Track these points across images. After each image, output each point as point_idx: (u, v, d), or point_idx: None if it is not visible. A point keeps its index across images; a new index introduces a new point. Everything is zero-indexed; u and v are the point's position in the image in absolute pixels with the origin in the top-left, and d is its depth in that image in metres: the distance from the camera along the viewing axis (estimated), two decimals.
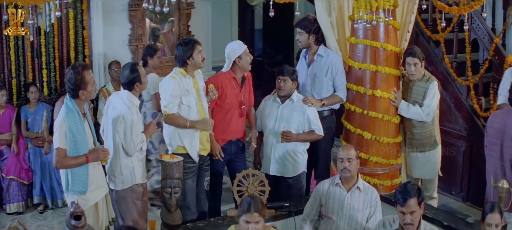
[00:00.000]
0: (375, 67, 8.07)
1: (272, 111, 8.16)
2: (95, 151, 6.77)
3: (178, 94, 7.52)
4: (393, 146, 8.33)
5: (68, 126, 6.56)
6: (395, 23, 8.11)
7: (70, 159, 6.61)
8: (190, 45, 7.60)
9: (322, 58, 8.42)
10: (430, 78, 8.26)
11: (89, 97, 6.87)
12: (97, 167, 6.91)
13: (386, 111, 8.21)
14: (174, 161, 7.25)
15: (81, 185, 6.69)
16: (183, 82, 7.56)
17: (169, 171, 7.23)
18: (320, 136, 8.10)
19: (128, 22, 10.89)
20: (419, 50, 8.20)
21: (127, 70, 7.17)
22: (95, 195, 6.86)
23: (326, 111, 8.51)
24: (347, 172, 6.94)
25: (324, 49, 8.46)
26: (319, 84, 8.41)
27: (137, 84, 7.13)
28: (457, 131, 9.80)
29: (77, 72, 6.62)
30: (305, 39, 8.47)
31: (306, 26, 8.43)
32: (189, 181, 7.76)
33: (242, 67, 8.04)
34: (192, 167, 7.75)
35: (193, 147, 7.71)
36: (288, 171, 8.11)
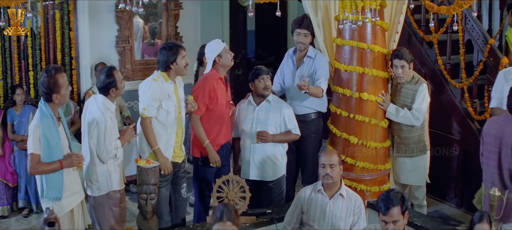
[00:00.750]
0: (361, 69, 7.70)
1: (247, 115, 7.89)
2: (69, 156, 6.53)
3: (158, 97, 7.23)
4: (381, 151, 7.96)
5: (42, 131, 6.36)
6: (383, 23, 7.73)
7: (44, 165, 6.40)
8: (174, 50, 7.32)
9: (311, 59, 8.11)
10: (419, 80, 7.89)
11: (63, 101, 6.61)
12: (72, 173, 6.68)
13: (374, 114, 7.83)
14: (150, 166, 6.96)
15: (56, 191, 6.49)
16: (164, 86, 7.28)
17: (144, 177, 6.94)
18: (297, 135, 7.85)
19: (115, 23, 10.55)
20: (407, 51, 7.82)
21: (103, 75, 6.93)
22: (71, 202, 6.64)
23: (313, 114, 8.21)
24: (329, 179, 6.60)
25: (313, 50, 8.16)
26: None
27: (112, 90, 6.88)
28: (450, 135, 9.36)
29: (50, 75, 6.42)
30: (308, 41, 8.18)
31: (309, 26, 8.12)
32: (163, 189, 7.45)
33: (223, 65, 7.77)
34: (166, 175, 7.42)
35: (166, 155, 7.40)
36: (268, 175, 7.83)
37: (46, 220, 5.83)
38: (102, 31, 10.45)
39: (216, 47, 7.73)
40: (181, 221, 7.80)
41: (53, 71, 6.44)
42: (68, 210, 6.59)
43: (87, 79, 10.30)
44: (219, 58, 7.68)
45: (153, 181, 6.93)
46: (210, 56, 7.74)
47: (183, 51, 7.37)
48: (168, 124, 7.32)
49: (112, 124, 6.88)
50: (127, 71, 10.55)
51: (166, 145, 7.36)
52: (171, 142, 7.39)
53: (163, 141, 7.33)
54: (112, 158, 6.84)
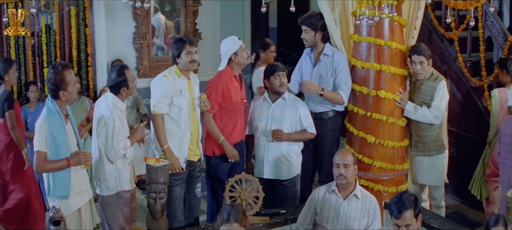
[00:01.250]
0: (379, 66, 7.40)
1: (262, 112, 7.64)
2: (77, 154, 6.33)
3: (169, 94, 7.00)
4: (399, 150, 7.64)
5: (49, 128, 6.17)
6: (401, 19, 7.43)
7: (51, 163, 6.21)
8: (179, 44, 7.12)
9: (328, 57, 7.80)
10: (438, 77, 7.59)
11: (70, 98, 6.41)
12: (80, 171, 6.49)
13: (391, 113, 7.53)
14: (159, 165, 6.70)
15: (63, 190, 6.30)
16: (176, 83, 7.06)
17: (153, 176, 6.68)
18: (313, 134, 7.58)
19: (132, 20, 10.38)
20: (426, 47, 7.51)
21: (114, 73, 6.74)
22: (78, 200, 6.46)
23: (330, 112, 7.91)
24: (343, 179, 6.36)
25: (330, 47, 7.84)
26: (325, 85, 7.77)
27: (123, 89, 6.71)
28: (470, 134, 9.04)
29: (57, 72, 6.22)
30: (311, 37, 7.84)
31: (312, 23, 7.79)
32: (177, 188, 7.25)
33: (239, 63, 7.53)
34: (180, 174, 7.22)
35: (181, 153, 7.18)
36: (282, 174, 7.58)
37: (52, 219, 5.68)
38: (119, 27, 10.28)
39: (232, 45, 7.49)
40: (194, 221, 7.59)
41: (60, 67, 6.26)
42: (75, 209, 6.42)
43: (103, 76, 10.10)
44: (235, 56, 7.46)
45: (162, 180, 6.69)
46: (226, 53, 7.51)
47: (190, 47, 7.10)
48: (181, 121, 7.10)
49: (121, 123, 6.71)
50: (144, 68, 10.38)
51: (180, 142, 7.14)
52: (185, 139, 7.17)
53: (177, 139, 7.12)
54: (121, 158, 6.67)
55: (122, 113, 6.78)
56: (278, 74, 7.46)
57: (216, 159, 7.62)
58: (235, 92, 7.47)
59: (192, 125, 7.21)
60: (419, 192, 7.96)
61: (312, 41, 7.84)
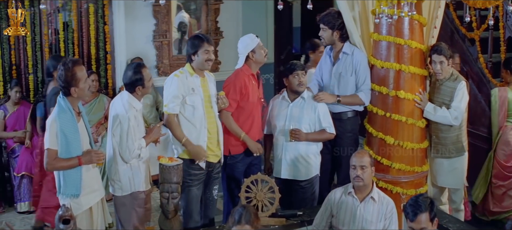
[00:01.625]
0: (398, 66, 7.20)
1: (281, 111, 7.47)
2: (88, 153, 6.21)
3: (180, 93, 6.87)
4: (418, 152, 7.43)
5: (60, 126, 6.04)
6: (421, 18, 7.21)
7: (62, 161, 6.09)
8: (197, 42, 6.98)
9: (347, 56, 7.61)
10: (458, 77, 7.38)
11: (82, 95, 6.24)
12: (92, 170, 6.35)
13: (411, 114, 7.31)
14: (172, 164, 6.55)
15: (74, 188, 6.18)
16: (188, 81, 6.93)
17: (166, 175, 6.54)
18: (332, 135, 7.40)
19: (152, 18, 10.26)
20: (446, 46, 7.29)
21: (130, 71, 6.60)
22: (89, 200, 6.34)
23: (349, 112, 7.72)
24: (360, 181, 6.22)
25: (349, 46, 7.64)
26: (344, 84, 7.61)
27: (139, 88, 6.56)
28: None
29: (67, 68, 6.08)
30: (328, 36, 7.67)
31: (329, 21, 7.62)
32: (194, 188, 7.13)
33: (256, 62, 7.39)
34: (198, 174, 7.10)
35: None
36: (300, 174, 7.39)
37: (61, 217, 5.65)
38: (139, 25, 10.17)
39: (250, 42, 7.34)
40: (209, 222, 7.45)
41: (70, 64, 6.11)
42: (86, 208, 6.29)
43: (122, 74, 9.78)
44: (252, 53, 7.31)
45: (175, 179, 6.54)
46: (243, 51, 7.36)
47: (208, 45, 6.97)
48: (196, 120, 6.95)
49: (137, 123, 6.57)
50: (164, 66, 10.27)
51: (197, 141, 6.97)
52: (203, 138, 7.00)
53: (193, 138, 6.97)
54: (135, 158, 6.53)
55: (138, 112, 6.64)
56: (297, 73, 7.31)
57: (232, 158, 7.47)
58: (252, 91, 7.33)
59: (209, 123, 7.04)
60: (438, 194, 7.76)
61: (329, 40, 7.67)
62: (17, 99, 9.21)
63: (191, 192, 7.07)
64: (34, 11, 9.55)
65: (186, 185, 6.95)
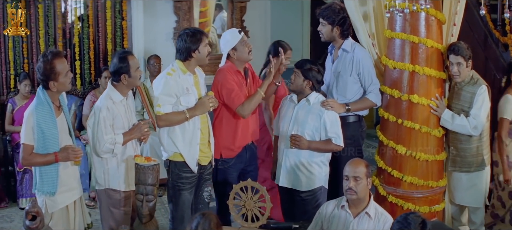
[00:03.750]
0: (412, 67, 6.23)
1: (287, 112, 6.52)
2: (65, 149, 5.71)
3: (174, 93, 6.12)
4: (434, 164, 6.42)
5: (36, 120, 5.59)
6: (438, 13, 6.21)
7: (38, 157, 5.65)
8: (198, 36, 6.19)
9: (347, 54, 6.68)
10: (478, 81, 6.34)
11: (62, 88, 5.73)
12: (70, 168, 5.86)
13: (425, 121, 6.31)
14: (148, 164, 5.81)
15: (50, 186, 5.72)
16: (181, 80, 6.17)
17: (141, 176, 5.80)
18: (339, 147, 6.34)
19: (173, 14, 9.52)
20: (465, 46, 6.26)
21: (116, 58, 6.03)
22: (66, 198, 5.84)
23: (351, 117, 6.74)
24: (353, 194, 5.31)
25: (350, 43, 6.71)
26: (343, 85, 6.69)
27: (124, 76, 5.95)
28: None
29: (46, 61, 5.60)
30: (327, 31, 6.72)
31: (329, 16, 6.67)
32: (186, 192, 6.35)
33: (239, 59, 6.52)
34: (190, 177, 6.32)
35: (191, 155, 6.27)
36: (301, 184, 6.39)
37: (28, 213, 5.26)
38: (158, 21, 9.47)
39: (230, 39, 6.50)
40: None
41: (50, 56, 5.61)
42: (62, 206, 5.81)
43: None
44: (233, 51, 6.49)
45: (150, 181, 5.79)
46: (224, 48, 6.55)
47: (206, 38, 6.27)
48: (190, 122, 6.20)
49: (113, 116, 5.96)
50: None
51: (191, 144, 6.23)
52: (196, 140, 6.26)
53: (187, 140, 6.22)
54: (108, 153, 5.94)
55: (118, 105, 6.01)
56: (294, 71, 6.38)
57: (224, 163, 6.65)
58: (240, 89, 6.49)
59: (202, 123, 6.32)
60: (458, 214, 6.75)
61: (329, 36, 6.74)
62: (26, 93, 8.75)
63: (182, 196, 6.33)
64: (48, 4, 9.09)
65: (177, 189, 6.29)
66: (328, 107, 6.29)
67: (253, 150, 6.74)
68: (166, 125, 6.19)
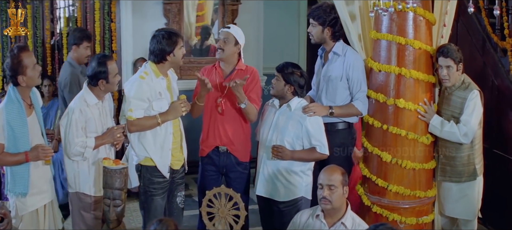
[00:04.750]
0: (398, 70, 5.77)
1: (268, 117, 6.09)
2: (36, 148, 5.49)
3: (146, 97, 5.77)
4: (422, 173, 5.95)
5: (6, 118, 5.39)
6: (427, 13, 5.76)
7: (8, 156, 5.44)
8: (174, 38, 5.85)
9: (338, 57, 6.20)
10: (470, 85, 5.87)
11: (31, 83, 5.50)
12: (41, 169, 5.62)
13: (413, 127, 5.85)
14: (115, 167, 5.43)
15: (22, 186, 5.51)
16: (154, 84, 5.82)
17: (109, 179, 5.43)
18: (324, 155, 5.87)
19: (163, 16, 9.07)
20: (455, 48, 5.80)
21: (94, 62, 5.77)
22: (35, 201, 5.60)
23: (340, 124, 6.26)
24: (327, 203, 4.89)
25: (342, 46, 6.23)
26: (333, 90, 6.21)
27: (102, 82, 5.72)
28: None
29: (13, 56, 5.44)
30: (318, 33, 6.25)
31: (320, 16, 6.19)
32: (158, 198, 6.00)
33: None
34: (162, 182, 5.98)
35: (163, 160, 5.93)
36: (278, 194, 5.94)
37: None
38: (148, 24, 8.97)
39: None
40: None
41: (16, 50, 5.46)
42: (32, 210, 5.57)
43: (128, 75, 8.83)
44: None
45: (118, 185, 5.40)
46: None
47: (182, 40, 5.94)
48: (162, 126, 5.84)
49: (85, 119, 5.70)
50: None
51: (162, 149, 5.89)
52: (168, 145, 5.93)
53: (159, 145, 5.87)
54: (78, 156, 5.69)
55: (91, 108, 5.74)
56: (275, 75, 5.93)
57: (201, 161, 6.36)
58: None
59: (174, 127, 5.97)
60: (449, 226, 6.28)
61: (319, 37, 6.26)
62: None
63: (154, 202, 5.97)
64: (36, 5, 8.81)
65: (149, 195, 5.93)
66: (310, 113, 5.83)
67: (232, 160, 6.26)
68: (138, 130, 5.85)
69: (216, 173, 6.28)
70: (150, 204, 5.94)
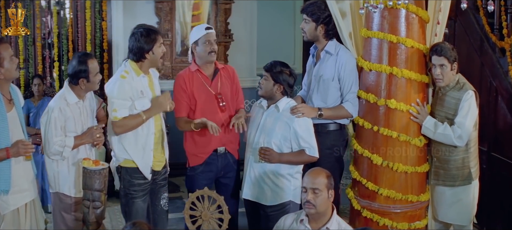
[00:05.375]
0: (389, 69, 5.49)
1: (255, 119, 5.81)
2: (16, 144, 5.21)
3: (129, 96, 5.51)
4: (414, 177, 5.66)
5: None
6: (420, 11, 5.47)
7: None
8: (153, 36, 5.59)
9: (330, 56, 5.91)
10: (465, 85, 5.55)
11: (9, 76, 5.22)
12: (23, 165, 5.35)
13: (404, 129, 5.57)
14: (95, 168, 5.22)
15: (4, 183, 5.22)
16: (135, 83, 5.56)
17: (88, 180, 5.22)
18: (313, 158, 5.59)
19: (154, 15, 8.82)
20: (450, 47, 5.50)
21: (75, 60, 5.56)
22: (17, 200, 5.33)
23: (332, 125, 5.96)
24: (311, 207, 4.61)
25: (334, 45, 5.94)
26: (324, 90, 5.92)
27: (83, 80, 5.50)
28: None
29: None
30: (311, 30, 5.95)
31: (314, 12, 5.89)
32: (139, 200, 5.73)
33: (199, 56, 5.92)
34: (143, 184, 5.71)
35: (145, 161, 5.66)
36: (265, 198, 5.66)
37: None
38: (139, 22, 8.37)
39: (194, 33, 5.98)
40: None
41: None
42: (13, 209, 5.30)
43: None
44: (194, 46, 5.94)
45: (97, 186, 5.19)
46: (190, 41, 6.07)
47: (161, 38, 5.70)
48: (144, 125, 5.58)
49: (64, 118, 5.48)
50: (165, 68, 8.84)
51: (144, 149, 5.63)
52: (149, 146, 5.65)
53: (140, 146, 5.62)
54: (56, 155, 5.49)
55: (71, 107, 5.53)
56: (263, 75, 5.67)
57: (192, 170, 6.02)
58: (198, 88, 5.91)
59: (156, 127, 5.70)
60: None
61: (312, 35, 5.96)
62: None
63: (136, 205, 5.70)
64: (27, 4, 8.58)
65: (129, 197, 5.68)
66: (299, 114, 5.53)
67: (229, 159, 6.00)
68: (124, 131, 5.56)
69: (210, 180, 5.99)
70: (131, 207, 5.69)
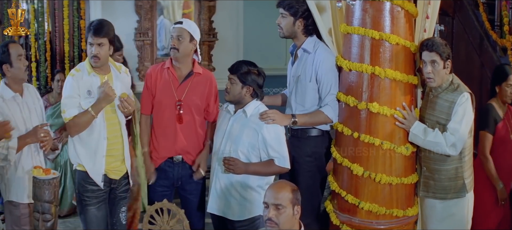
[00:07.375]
0: (371, 69, 4.72)
1: (221, 125, 5.09)
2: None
3: (75, 93, 5.03)
4: (400, 189, 4.87)
5: None
6: (406, 3, 4.69)
7: None
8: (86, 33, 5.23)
9: (308, 55, 5.15)
10: (459, 87, 4.76)
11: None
12: None
13: (389, 136, 4.79)
14: (45, 177, 4.69)
15: None
16: (84, 81, 5.07)
17: (37, 190, 4.71)
18: (284, 169, 4.89)
19: (134, 13, 8.11)
20: (442, 42, 4.73)
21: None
22: None
23: (313, 130, 5.18)
24: (273, 225, 3.89)
25: (313, 42, 5.18)
26: (302, 91, 5.17)
27: (6, 66, 5.03)
28: None
29: None
30: (288, 25, 5.19)
31: (292, 6, 5.15)
32: (93, 208, 5.17)
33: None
34: (96, 191, 5.16)
35: (96, 168, 5.11)
36: (232, 212, 4.94)
37: None
38: (118, 21, 7.87)
39: None
40: None
41: None
42: None
43: None
44: None
45: (47, 197, 4.69)
46: None
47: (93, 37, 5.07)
48: (93, 128, 5.06)
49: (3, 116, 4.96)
50: (145, 69, 8.06)
51: (95, 154, 5.09)
52: (101, 152, 5.10)
53: (91, 151, 5.08)
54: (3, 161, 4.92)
55: (8, 103, 5.03)
56: (229, 78, 4.96)
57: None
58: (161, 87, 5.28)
59: (109, 132, 5.08)
60: None
61: (289, 31, 5.21)
62: None
63: (89, 212, 5.17)
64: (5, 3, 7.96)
65: (83, 204, 5.16)
66: (269, 120, 4.74)
67: (188, 170, 5.26)
68: (78, 131, 5.02)
69: (169, 189, 5.30)
70: (86, 214, 5.16)
